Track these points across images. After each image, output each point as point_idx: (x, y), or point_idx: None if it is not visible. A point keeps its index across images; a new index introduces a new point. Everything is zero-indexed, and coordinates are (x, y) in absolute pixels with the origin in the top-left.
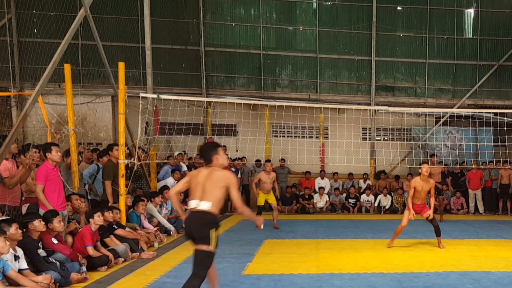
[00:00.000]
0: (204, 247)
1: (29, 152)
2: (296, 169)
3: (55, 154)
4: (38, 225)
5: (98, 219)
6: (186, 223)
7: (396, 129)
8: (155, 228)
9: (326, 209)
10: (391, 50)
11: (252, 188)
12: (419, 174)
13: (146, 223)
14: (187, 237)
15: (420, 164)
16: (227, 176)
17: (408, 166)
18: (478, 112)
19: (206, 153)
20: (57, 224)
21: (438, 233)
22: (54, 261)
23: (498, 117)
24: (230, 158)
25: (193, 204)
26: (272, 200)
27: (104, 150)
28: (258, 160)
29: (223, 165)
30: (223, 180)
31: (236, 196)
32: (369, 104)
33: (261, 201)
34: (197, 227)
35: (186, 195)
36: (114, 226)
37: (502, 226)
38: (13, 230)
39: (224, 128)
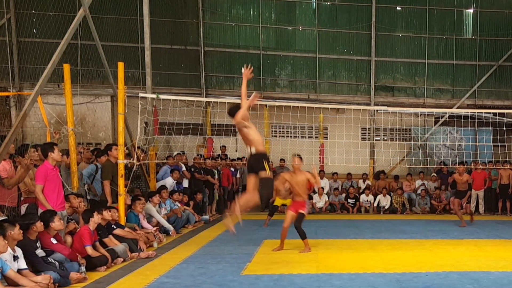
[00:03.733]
0: (263, 174)
1: (28, 152)
2: None
3: (57, 154)
4: (39, 226)
5: (97, 218)
6: (248, 163)
7: (396, 129)
8: (155, 228)
9: (325, 209)
10: (390, 50)
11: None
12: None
13: (145, 223)
14: (250, 171)
15: (420, 164)
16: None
17: (408, 166)
18: (477, 112)
19: (233, 110)
20: (58, 223)
21: (302, 237)
22: (53, 261)
23: (497, 117)
24: (229, 158)
25: (248, 150)
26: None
27: (102, 150)
28: None
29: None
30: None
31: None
32: (368, 104)
33: (277, 202)
34: (254, 162)
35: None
36: (112, 226)
37: (502, 226)
38: (17, 230)
39: (224, 128)
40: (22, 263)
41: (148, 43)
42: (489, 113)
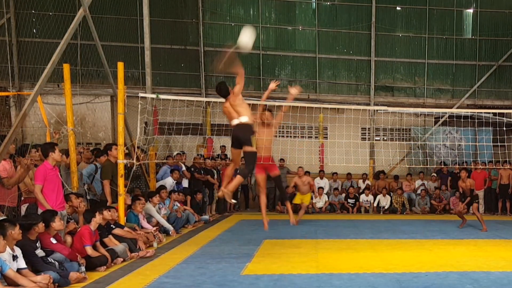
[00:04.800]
0: (248, 148)
1: (30, 153)
2: (295, 169)
3: (57, 154)
4: (41, 227)
5: (99, 218)
6: (234, 133)
7: (395, 129)
8: (155, 228)
9: (325, 209)
10: (390, 50)
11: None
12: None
13: (144, 223)
14: (235, 142)
15: (420, 164)
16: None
17: (408, 166)
18: (477, 112)
19: (223, 89)
20: (59, 223)
21: (283, 199)
22: (53, 261)
23: (497, 117)
24: (229, 158)
25: (235, 121)
26: (306, 200)
27: (101, 150)
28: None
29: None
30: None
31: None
32: (368, 104)
33: (296, 200)
34: (241, 133)
35: None
36: (111, 226)
37: (502, 226)
38: (17, 230)
39: (224, 128)
40: (21, 263)
41: (148, 43)
42: (489, 113)
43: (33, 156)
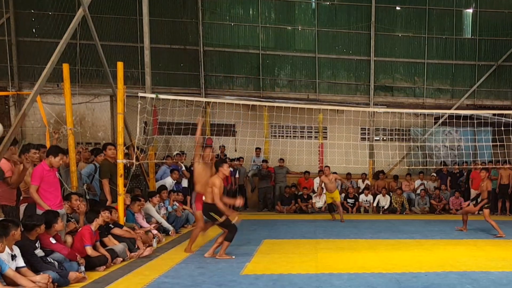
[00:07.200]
0: (217, 222)
1: (29, 153)
2: (295, 169)
3: (57, 161)
4: (43, 228)
5: (101, 219)
6: (203, 208)
7: (395, 129)
8: (153, 225)
9: (324, 209)
10: (390, 50)
11: (319, 195)
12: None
13: (143, 222)
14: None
15: (419, 165)
16: (212, 181)
17: (407, 166)
18: (476, 112)
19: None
20: (60, 224)
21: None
22: (52, 261)
23: (496, 117)
24: (229, 158)
25: (205, 198)
26: (336, 198)
27: (99, 149)
28: (258, 148)
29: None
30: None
31: (216, 192)
32: (368, 104)
33: (328, 200)
34: (207, 213)
35: None
36: (110, 225)
37: (501, 226)
38: (19, 231)
39: (223, 128)
40: (20, 261)
41: (147, 43)
42: (489, 112)
43: (31, 156)
